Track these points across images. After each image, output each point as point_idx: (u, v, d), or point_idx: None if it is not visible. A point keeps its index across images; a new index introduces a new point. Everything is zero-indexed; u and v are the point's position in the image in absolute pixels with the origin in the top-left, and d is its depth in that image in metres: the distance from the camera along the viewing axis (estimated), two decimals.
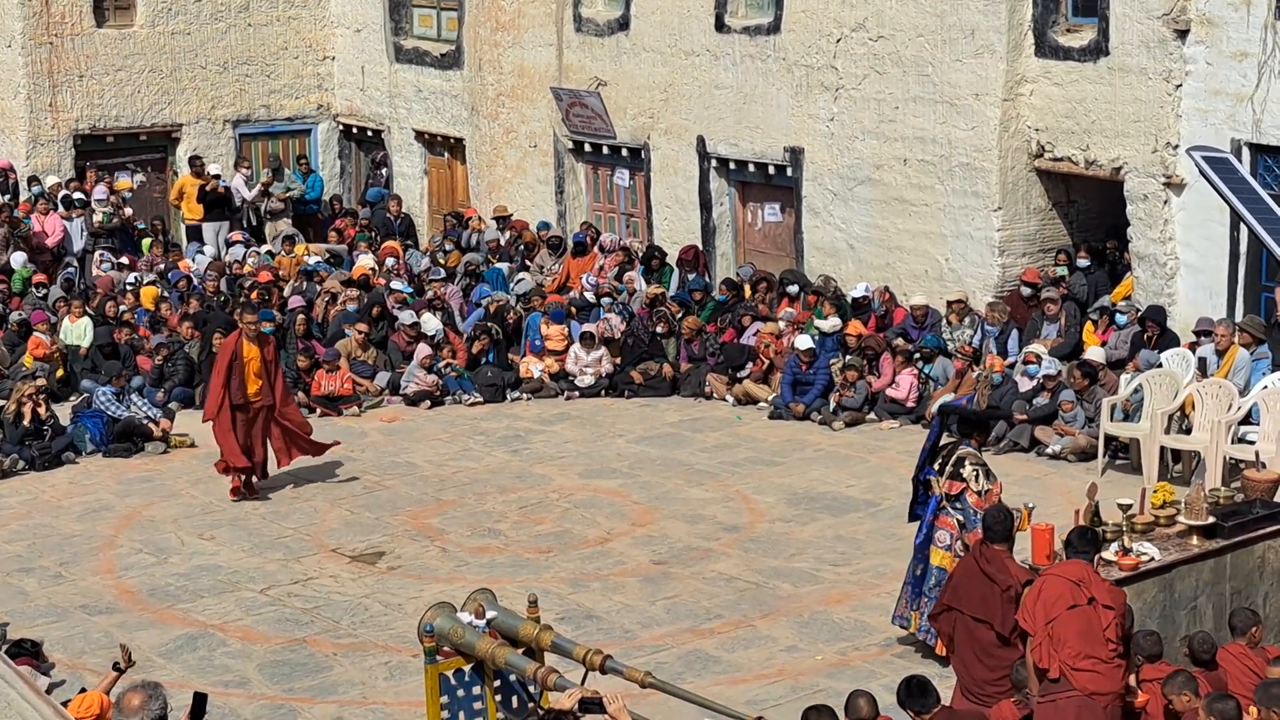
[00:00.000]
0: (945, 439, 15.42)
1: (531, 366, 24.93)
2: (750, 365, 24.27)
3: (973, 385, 22.21)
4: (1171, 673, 12.03)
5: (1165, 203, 22.30)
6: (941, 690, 11.65)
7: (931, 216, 24.44)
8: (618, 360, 24.99)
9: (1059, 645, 11.76)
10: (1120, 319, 22.47)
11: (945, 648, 14.09)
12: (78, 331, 25.04)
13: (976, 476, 15.01)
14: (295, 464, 21.63)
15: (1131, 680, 12.04)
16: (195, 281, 26.99)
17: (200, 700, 9.42)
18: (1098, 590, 11.84)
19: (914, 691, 11.30)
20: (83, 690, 12.98)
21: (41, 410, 21.90)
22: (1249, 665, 12.32)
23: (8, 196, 29.35)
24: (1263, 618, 13.34)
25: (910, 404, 22.86)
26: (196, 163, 30.62)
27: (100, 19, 30.83)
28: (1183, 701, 11.70)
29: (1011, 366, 22.44)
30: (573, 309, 26.06)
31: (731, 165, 27.18)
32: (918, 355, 23.17)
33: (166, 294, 26.64)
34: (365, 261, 27.84)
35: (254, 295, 25.96)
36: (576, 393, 24.69)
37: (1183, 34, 21.83)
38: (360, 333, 24.79)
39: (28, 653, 12.57)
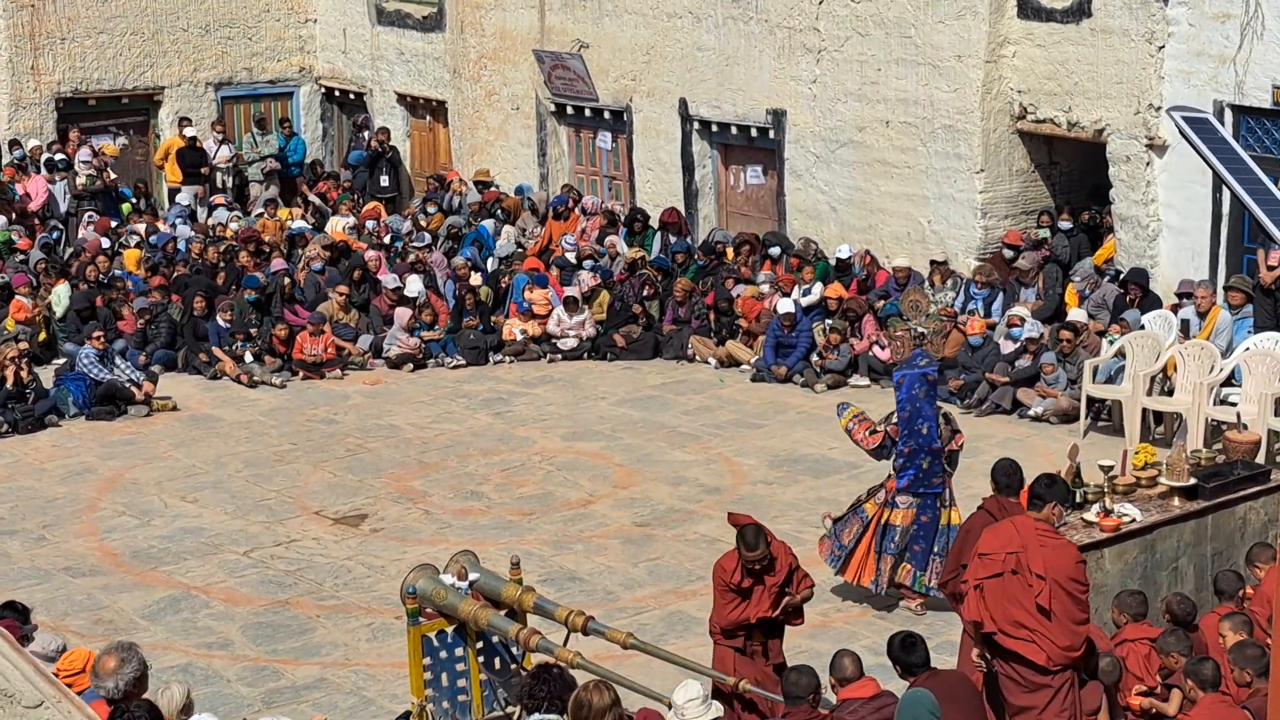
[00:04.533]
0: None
1: (515, 329, 24.90)
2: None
3: (956, 347, 22.25)
4: (1164, 633, 12.06)
5: (1147, 164, 22.31)
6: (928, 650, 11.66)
7: (914, 179, 24.44)
8: (604, 309, 25.00)
9: (991, 607, 11.67)
10: (1081, 285, 22.59)
11: (959, 611, 13.65)
12: (55, 297, 24.94)
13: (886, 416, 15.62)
14: (281, 427, 21.68)
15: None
16: (181, 245, 26.96)
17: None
18: (1034, 558, 11.58)
19: (906, 646, 11.28)
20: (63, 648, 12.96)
21: (24, 373, 21.87)
22: None
23: None
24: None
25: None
26: (186, 123, 30.61)
27: None
28: (1172, 662, 11.75)
29: (993, 328, 22.47)
30: (555, 268, 26.08)
31: (714, 128, 27.14)
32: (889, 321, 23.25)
33: (150, 256, 26.59)
34: (337, 222, 27.88)
35: (243, 260, 25.99)
36: (559, 355, 24.70)
37: None
38: (341, 294, 24.78)
39: (17, 614, 12.58)
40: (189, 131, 30.50)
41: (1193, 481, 14.26)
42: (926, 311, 22.96)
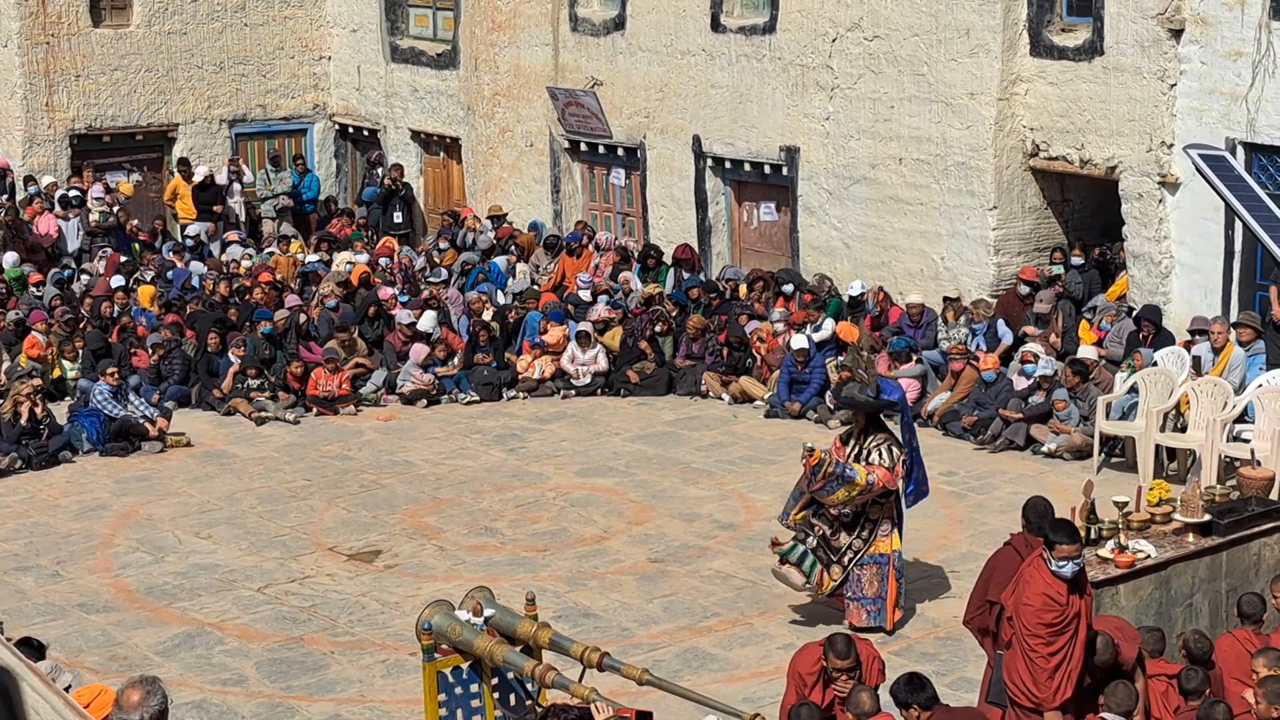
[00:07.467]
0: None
1: (536, 363, 24.84)
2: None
3: (970, 385, 22.25)
4: (1183, 669, 12.04)
5: (1160, 201, 22.36)
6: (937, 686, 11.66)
7: (927, 215, 24.48)
8: (615, 341, 25.01)
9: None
10: (1101, 317, 22.65)
11: (985, 646, 13.41)
12: (62, 369, 24.71)
13: (886, 452, 15.74)
14: (295, 463, 21.71)
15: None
16: (196, 281, 27.00)
17: None
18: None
19: (914, 686, 11.28)
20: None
21: (38, 410, 21.91)
22: (1249, 650, 12.21)
23: (5, 196, 29.36)
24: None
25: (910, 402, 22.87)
26: (184, 166, 30.66)
27: (96, 19, 30.85)
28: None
29: (1006, 363, 22.49)
30: (570, 307, 26.09)
31: (727, 164, 27.21)
32: (914, 357, 23.21)
33: (164, 292, 26.63)
34: (345, 257, 27.88)
35: (257, 296, 25.99)
36: (573, 391, 24.70)
37: (1177, 33, 21.88)
38: (340, 338, 24.71)
39: (33, 651, 12.60)
40: (200, 170, 30.54)
41: (1207, 518, 14.27)
42: (864, 365, 22.79)
